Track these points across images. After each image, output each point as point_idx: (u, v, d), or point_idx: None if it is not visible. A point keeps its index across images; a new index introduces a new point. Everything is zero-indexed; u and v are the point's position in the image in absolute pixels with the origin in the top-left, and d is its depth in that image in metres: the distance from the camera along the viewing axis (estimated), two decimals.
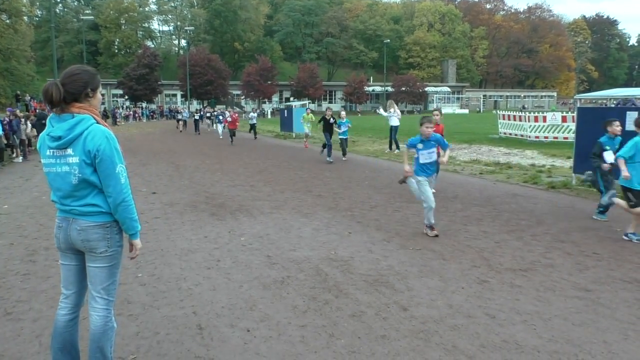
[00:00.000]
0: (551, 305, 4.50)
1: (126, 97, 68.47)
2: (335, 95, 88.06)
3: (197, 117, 35.79)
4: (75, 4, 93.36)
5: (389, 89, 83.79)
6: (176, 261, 5.83)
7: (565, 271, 5.39)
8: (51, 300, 4.63)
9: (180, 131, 34.21)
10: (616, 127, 7.63)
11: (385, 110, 19.39)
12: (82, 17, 66.35)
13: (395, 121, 18.13)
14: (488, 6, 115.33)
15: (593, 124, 10.45)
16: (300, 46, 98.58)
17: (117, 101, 72.92)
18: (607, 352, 3.65)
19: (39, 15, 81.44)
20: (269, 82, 74.32)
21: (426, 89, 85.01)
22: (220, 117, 29.42)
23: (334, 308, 4.46)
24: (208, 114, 37.75)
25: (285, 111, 30.90)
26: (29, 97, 42.32)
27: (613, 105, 22.38)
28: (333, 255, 6.00)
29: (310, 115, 22.04)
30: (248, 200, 9.57)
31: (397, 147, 18.28)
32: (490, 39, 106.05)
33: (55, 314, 3.13)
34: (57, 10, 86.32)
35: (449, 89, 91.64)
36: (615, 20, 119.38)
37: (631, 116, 9.60)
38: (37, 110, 22.71)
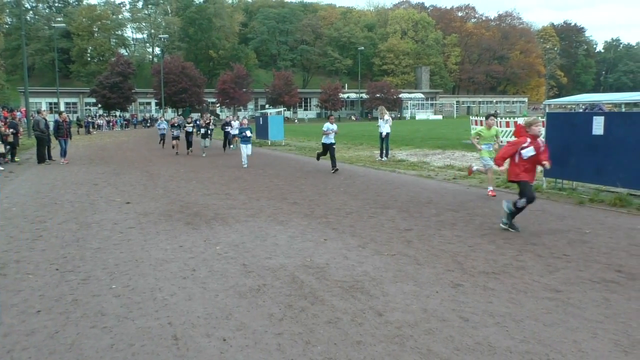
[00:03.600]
0: (523, 306, 4.59)
1: (99, 105, 67.59)
2: (310, 102, 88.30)
3: (189, 128, 23.85)
4: (47, 11, 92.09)
5: (364, 95, 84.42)
6: (151, 271, 5.78)
7: (537, 273, 5.50)
8: (22, 315, 4.55)
9: (177, 153, 22.77)
10: None
11: (379, 118, 18.55)
12: (53, 25, 65.29)
13: (387, 128, 18.02)
14: (460, 14, 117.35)
15: (562, 129, 10.72)
16: (275, 54, 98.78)
17: (90, 110, 71.94)
18: (577, 351, 3.74)
19: (9, 23, 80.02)
20: (244, 89, 74.24)
21: (400, 95, 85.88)
22: (240, 130, 18.00)
23: (310, 315, 4.48)
24: (206, 127, 23.64)
25: (261, 119, 30.84)
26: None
27: (581, 110, 22.92)
28: (309, 263, 6.02)
29: (495, 127, 10.97)
30: (223, 208, 9.54)
31: (387, 155, 18.22)
32: (463, 46, 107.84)
33: (26, 329, 3.09)
34: (28, 17, 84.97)
35: (422, 95, 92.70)
36: (583, 28, 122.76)
37: (598, 121, 9.88)
38: (8, 120, 22.22)
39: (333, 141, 15.18)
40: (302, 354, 3.77)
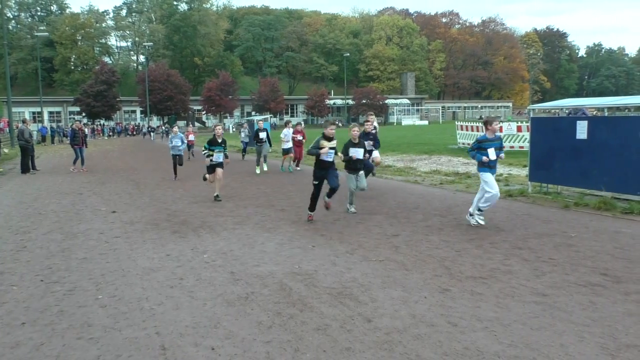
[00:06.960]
0: (510, 311, 4.62)
1: (83, 114, 66.99)
2: (296, 108, 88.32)
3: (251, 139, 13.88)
4: (29, 20, 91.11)
5: (350, 101, 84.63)
6: (138, 281, 5.73)
7: (523, 277, 5.54)
8: (7, 327, 4.48)
9: (218, 198, 11.49)
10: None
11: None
12: (36, 34, 64.64)
13: None
14: (444, 20, 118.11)
15: (546, 134, 10.84)
16: (260, 60, 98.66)
17: (73, 119, 71.24)
18: (564, 354, 3.77)
19: None
20: (230, 96, 74.06)
21: (386, 101, 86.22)
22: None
23: (299, 322, 4.47)
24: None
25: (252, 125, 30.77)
26: None
27: (565, 115, 23.16)
28: (297, 270, 6.00)
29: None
30: (210, 216, 9.49)
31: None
32: (447, 52, 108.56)
33: (11, 341, 3.04)
34: (10, 27, 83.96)
35: (408, 101, 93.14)
36: (565, 33, 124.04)
37: (581, 125, 10.00)
38: None
39: None
40: None
